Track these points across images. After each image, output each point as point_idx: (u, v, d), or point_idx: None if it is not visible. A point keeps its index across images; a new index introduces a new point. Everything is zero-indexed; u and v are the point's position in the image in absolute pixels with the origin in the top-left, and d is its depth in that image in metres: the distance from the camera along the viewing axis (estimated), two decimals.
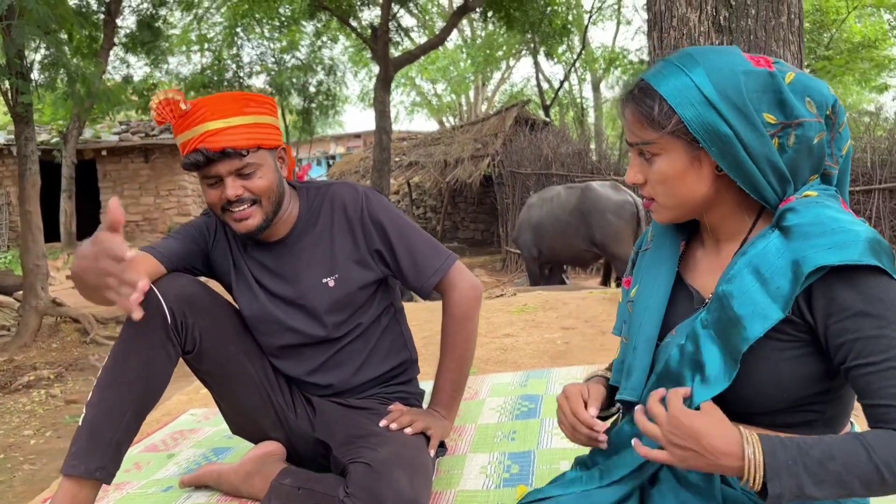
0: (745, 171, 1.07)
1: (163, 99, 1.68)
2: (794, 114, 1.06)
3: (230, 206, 1.69)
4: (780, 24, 3.15)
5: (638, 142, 1.14)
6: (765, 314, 1.03)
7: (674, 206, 1.15)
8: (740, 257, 1.10)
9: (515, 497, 1.69)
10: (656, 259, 1.26)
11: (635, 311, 1.24)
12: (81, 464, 1.57)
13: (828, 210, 1.05)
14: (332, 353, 1.84)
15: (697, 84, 1.07)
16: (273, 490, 1.70)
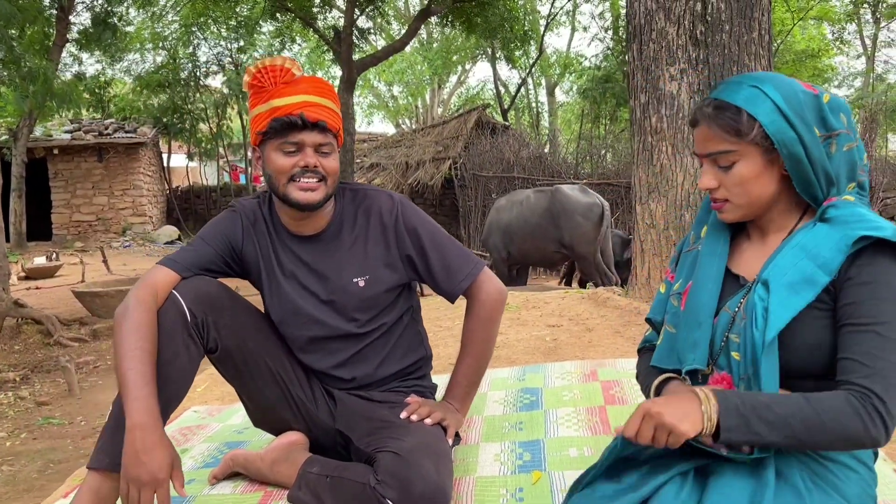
0: (804, 173, 1.28)
1: (278, 63, 1.76)
2: (833, 126, 1.28)
3: (304, 173, 1.77)
4: (752, 39, 3.35)
5: (716, 152, 1.31)
6: (813, 280, 1.22)
7: (746, 204, 1.33)
8: (787, 243, 1.30)
9: (532, 481, 1.81)
10: (710, 253, 1.42)
11: (694, 295, 1.39)
12: (107, 457, 1.61)
13: (862, 209, 1.27)
14: (357, 348, 1.93)
15: (772, 97, 1.27)
16: (301, 478, 1.79)
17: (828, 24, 19.86)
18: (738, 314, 1.30)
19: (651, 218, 3.73)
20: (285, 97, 1.75)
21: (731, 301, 1.33)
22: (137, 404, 1.54)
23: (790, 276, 1.24)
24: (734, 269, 1.39)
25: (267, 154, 1.80)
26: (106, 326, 7.18)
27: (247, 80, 1.80)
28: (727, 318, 1.32)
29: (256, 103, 1.79)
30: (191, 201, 22.00)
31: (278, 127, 1.74)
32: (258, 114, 1.78)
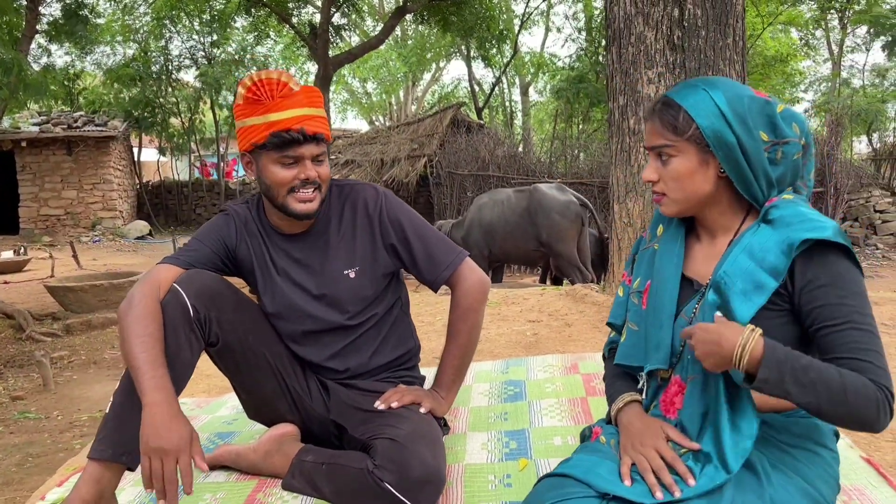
0: (743, 175, 1.34)
1: (274, 77, 1.80)
2: (783, 134, 1.35)
3: (303, 185, 1.84)
4: (727, 44, 3.47)
5: (659, 145, 1.40)
6: (762, 285, 1.28)
7: (682, 200, 1.40)
8: (734, 246, 1.35)
9: (519, 468, 1.89)
10: (667, 253, 1.49)
11: (654, 296, 1.47)
12: (108, 448, 1.65)
13: (802, 207, 1.33)
14: (350, 339, 1.99)
15: (716, 100, 1.34)
16: (295, 466, 1.85)
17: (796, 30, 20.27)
18: (693, 320, 1.37)
19: (628, 217, 3.84)
20: (283, 111, 1.80)
21: (687, 306, 1.41)
22: (152, 383, 1.58)
23: (741, 284, 1.30)
24: (687, 272, 1.46)
25: (263, 165, 1.86)
26: (79, 321, 7.11)
27: (241, 92, 1.83)
28: (683, 324, 1.40)
29: (251, 114, 1.82)
30: (162, 196, 21.79)
31: (278, 142, 1.80)
32: (254, 125, 1.82)
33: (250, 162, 1.91)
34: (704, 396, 1.34)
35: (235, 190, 21.61)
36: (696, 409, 1.36)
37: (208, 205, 21.86)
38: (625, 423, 1.46)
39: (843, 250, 1.26)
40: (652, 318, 1.46)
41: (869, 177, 13.44)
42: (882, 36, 16.04)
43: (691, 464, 1.31)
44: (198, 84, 21.27)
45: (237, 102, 1.87)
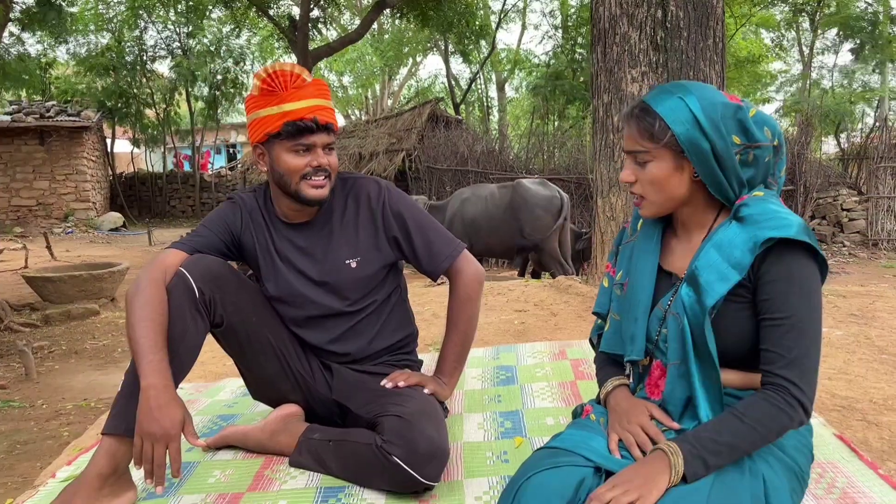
0: (715, 178, 1.43)
1: (287, 69, 1.89)
2: (755, 138, 1.43)
3: (315, 173, 1.93)
4: (707, 45, 3.60)
5: (635, 150, 1.47)
6: (726, 277, 1.39)
7: (659, 202, 1.49)
8: (707, 242, 1.45)
9: (515, 445, 1.99)
10: (643, 249, 1.59)
11: (631, 290, 1.57)
12: (123, 423, 1.71)
13: (771, 205, 1.42)
14: (350, 324, 2.07)
15: (691, 108, 1.41)
16: (302, 444, 1.93)
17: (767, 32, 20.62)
18: (668, 311, 1.47)
19: (612, 211, 3.96)
20: (297, 101, 1.89)
21: (664, 298, 1.51)
22: (151, 367, 1.66)
23: (707, 275, 1.40)
24: (666, 265, 1.55)
25: (277, 154, 1.93)
26: (58, 312, 7.08)
27: (256, 84, 1.91)
28: (660, 315, 1.50)
29: (264, 105, 1.91)
30: (136, 188, 21.57)
31: (292, 130, 1.88)
32: (268, 115, 1.90)
33: (263, 153, 1.98)
34: (684, 380, 1.45)
35: (211, 182, 21.45)
36: (678, 390, 1.46)
37: (183, 197, 21.69)
38: (612, 403, 1.57)
39: (806, 248, 1.36)
40: (627, 312, 1.57)
41: (837, 176, 13.78)
42: (851, 39, 16.42)
43: (672, 436, 1.41)
44: (173, 75, 21.07)
45: (251, 94, 1.95)
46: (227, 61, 21.69)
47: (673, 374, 1.47)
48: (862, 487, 1.66)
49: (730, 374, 1.46)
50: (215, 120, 23.12)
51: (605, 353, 1.67)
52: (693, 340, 1.43)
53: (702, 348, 1.42)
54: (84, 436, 2.50)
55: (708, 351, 1.40)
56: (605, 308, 1.71)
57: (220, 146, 30.58)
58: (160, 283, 1.84)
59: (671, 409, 1.48)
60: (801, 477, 1.43)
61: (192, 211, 21.52)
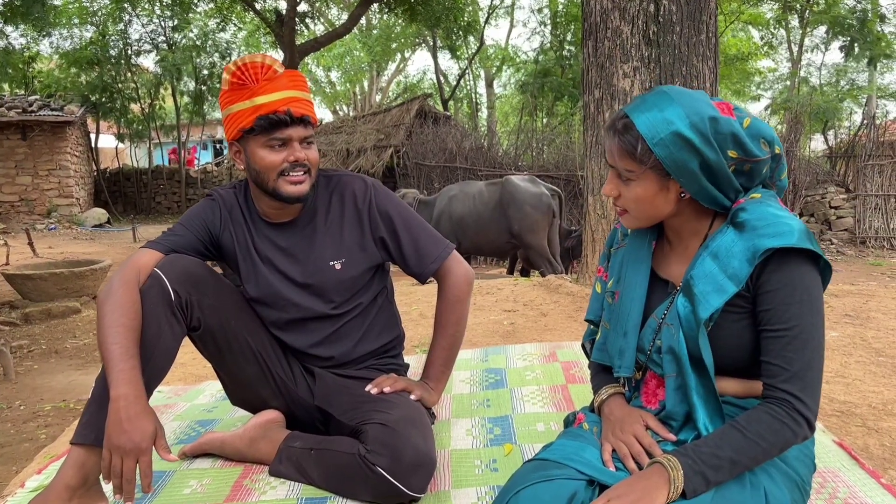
0: (708, 193, 1.34)
1: (258, 61, 1.81)
2: (752, 153, 1.34)
3: (293, 168, 1.84)
4: (700, 41, 3.53)
5: (617, 167, 1.38)
6: (722, 289, 1.31)
7: (643, 219, 1.42)
8: (703, 249, 1.37)
9: (504, 453, 1.92)
10: (634, 257, 1.51)
11: (621, 302, 1.49)
12: (92, 432, 1.63)
13: (770, 208, 1.33)
14: (334, 328, 1.99)
15: (675, 125, 1.30)
16: (282, 452, 1.85)
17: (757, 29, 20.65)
18: (664, 321, 1.40)
19: (603, 209, 3.89)
20: (269, 94, 1.80)
21: (659, 308, 1.43)
22: (121, 376, 1.57)
23: (702, 286, 1.33)
24: (661, 272, 1.48)
25: (252, 150, 1.85)
26: (38, 310, 6.95)
27: (227, 78, 1.83)
28: (654, 325, 1.43)
29: (236, 100, 1.83)
30: (120, 184, 21.32)
31: (266, 124, 1.80)
32: (240, 110, 1.82)
33: (239, 151, 1.90)
34: (682, 392, 1.38)
35: (197, 178, 21.27)
36: (678, 403, 1.40)
37: (168, 193, 21.48)
38: (606, 412, 1.50)
39: (807, 254, 1.29)
40: (616, 326, 1.49)
41: (825, 174, 13.79)
42: (840, 36, 16.44)
43: (670, 448, 1.35)
44: (158, 70, 20.86)
45: (223, 89, 1.87)
46: (212, 56, 21.49)
47: (671, 386, 1.40)
48: (864, 498, 1.60)
49: (729, 382, 1.40)
50: (201, 115, 22.93)
51: (596, 362, 1.60)
52: (689, 353, 1.36)
53: (698, 361, 1.35)
54: (56, 442, 2.41)
55: (702, 362, 1.34)
56: (597, 315, 1.63)
57: (207, 142, 30.37)
58: (133, 285, 1.76)
59: (673, 423, 1.42)
60: (803, 488, 1.37)
61: (178, 207, 21.32)
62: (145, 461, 1.51)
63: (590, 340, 1.72)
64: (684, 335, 1.36)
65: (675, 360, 1.38)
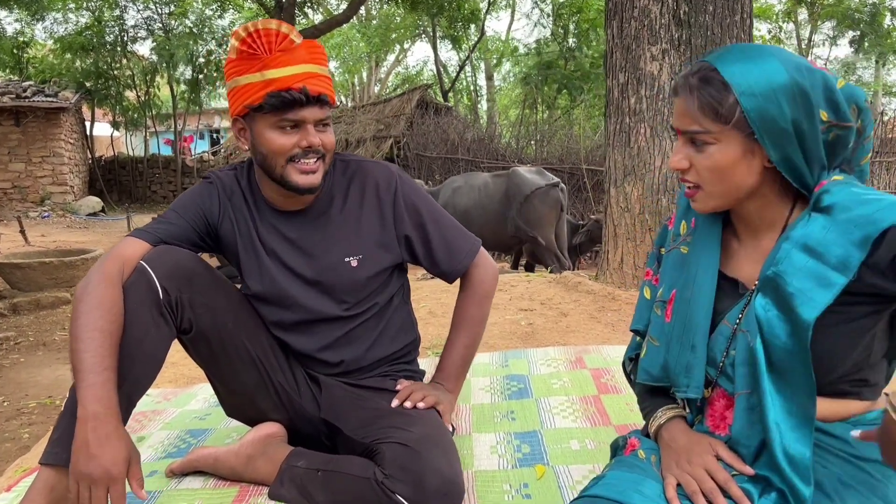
0: (794, 164, 1.12)
1: (273, 28, 1.55)
2: (845, 117, 1.12)
3: (305, 155, 1.60)
4: (734, 21, 3.30)
5: (693, 129, 1.15)
6: (827, 282, 1.07)
7: (721, 194, 1.18)
8: (783, 241, 1.14)
9: (536, 476, 1.69)
10: (701, 257, 1.27)
11: (686, 309, 1.26)
12: (64, 452, 1.40)
13: (856, 188, 1.12)
14: (346, 330, 1.76)
15: (771, 73, 1.09)
16: (284, 473, 1.62)
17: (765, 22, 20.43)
18: (738, 327, 1.18)
19: (626, 202, 3.65)
20: (283, 67, 1.54)
21: (731, 313, 1.21)
22: (91, 392, 1.35)
23: (798, 283, 1.10)
24: (730, 272, 1.25)
25: (259, 130, 1.60)
26: (27, 300, 6.73)
27: (235, 45, 1.57)
28: (727, 332, 1.20)
29: (244, 71, 1.57)
30: (115, 172, 21.07)
31: (277, 103, 1.54)
32: (248, 84, 1.57)
33: (243, 128, 1.65)
34: (756, 414, 1.15)
35: (193, 167, 21.02)
36: (750, 427, 1.16)
37: (164, 182, 21.24)
38: (667, 439, 1.27)
39: None
40: (680, 337, 1.25)
41: None
42: (850, 30, 16.21)
43: (748, 486, 1.13)
44: (154, 57, 20.57)
45: (229, 57, 1.61)
46: (209, 43, 21.19)
47: (742, 406, 1.17)
48: None
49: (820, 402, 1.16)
50: (198, 104, 22.66)
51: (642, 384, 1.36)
52: (769, 364, 1.12)
53: (787, 374, 1.11)
54: (31, 452, 2.17)
55: (798, 377, 1.10)
56: (646, 324, 1.39)
57: (204, 131, 30.07)
58: (115, 280, 1.52)
59: (742, 451, 1.18)
60: None
61: (174, 196, 21.04)
62: (117, 491, 1.30)
63: (633, 355, 1.49)
64: (764, 343, 1.12)
65: (752, 373, 1.14)
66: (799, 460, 1.10)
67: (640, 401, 1.42)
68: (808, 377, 1.10)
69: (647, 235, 3.58)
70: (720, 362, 1.22)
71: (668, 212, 3.53)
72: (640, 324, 1.42)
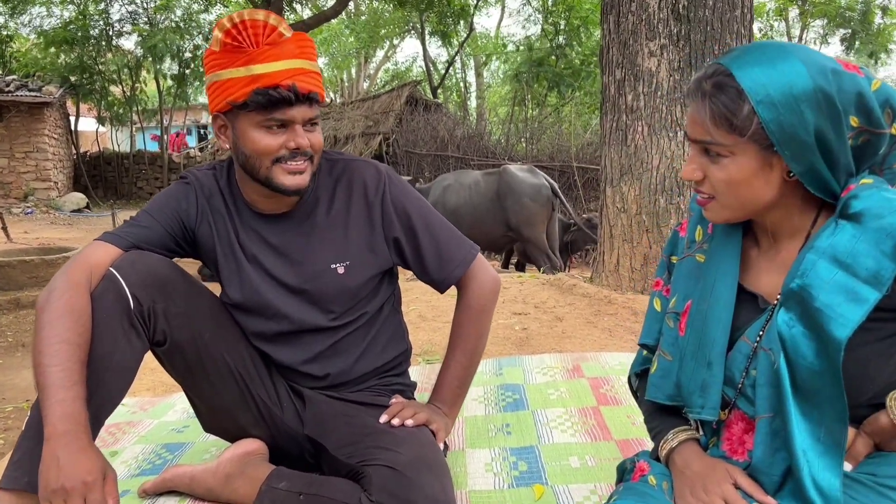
0: (819, 175, 1.03)
1: (260, 19, 1.43)
2: (878, 122, 1.03)
3: (293, 156, 1.49)
4: (735, 17, 3.21)
5: (705, 140, 1.06)
6: (858, 297, 0.99)
7: (736, 206, 1.10)
8: (808, 252, 1.05)
9: (534, 497, 1.59)
10: (718, 267, 1.18)
11: (701, 324, 1.16)
12: (24, 475, 1.31)
13: (888, 192, 1.03)
14: (332, 341, 1.65)
15: (791, 79, 1.00)
16: (265, 494, 1.52)
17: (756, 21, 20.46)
18: (758, 345, 1.09)
19: (623, 202, 3.55)
20: (271, 63, 1.43)
21: (751, 329, 1.12)
22: (60, 408, 1.24)
23: (825, 297, 1.01)
24: (748, 285, 1.16)
25: (243, 129, 1.49)
26: (6, 300, 6.59)
27: (218, 37, 1.45)
28: (747, 350, 1.11)
29: (228, 64, 1.45)
30: (100, 168, 20.85)
31: (264, 101, 1.43)
32: (232, 79, 1.45)
33: (224, 125, 1.54)
34: (780, 440, 1.06)
35: (180, 164, 20.84)
36: (774, 452, 1.07)
37: (150, 178, 21.05)
38: (680, 464, 1.17)
39: None
40: (695, 353, 1.16)
41: None
42: (841, 28, 16.22)
43: None
44: (139, 51, 20.35)
45: (211, 49, 1.49)
46: (196, 38, 21.00)
47: (764, 430, 1.07)
48: None
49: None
50: (184, 99, 22.46)
51: (651, 401, 1.26)
52: (794, 386, 1.02)
53: (815, 397, 1.01)
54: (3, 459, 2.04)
55: (827, 399, 1.00)
56: (655, 338, 1.29)
57: (191, 127, 29.84)
58: (82, 289, 1.41)
59: (763, 480, 1.08)
60: None
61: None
62: (95, 500, 1.19)
63: (639, 370, 1.39)
64: (788, 362, 1.03)
65: (775, 395, 1.05)
66: (829, 491, 1.01)
67: (649, 420, 1.33)
68: (839, 400, 1.01)
69: (644, 237, 3.49)
70: (739, 382, 1.12)
71: (667, 213, 3.44)
72: (649, 338, 1.32)
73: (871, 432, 1.08)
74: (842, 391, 1.00)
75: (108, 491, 1.23)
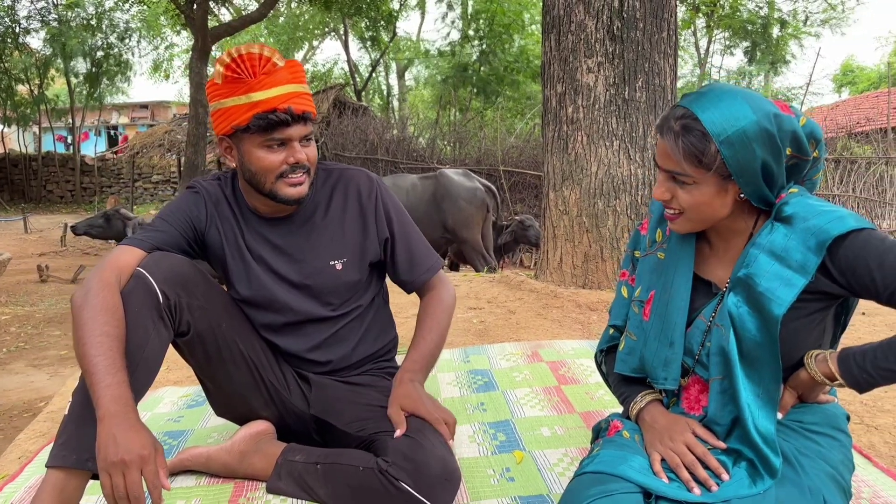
0: (761, 193, 1.31)
1: (256, 52, 1.63)
2: (805, 151, 1.32)
3: (293, 170, 1.68)
4: (662, 38, 3.54)
5: (675, 171, 1.31)
6: (790, 283, 1.27)
7: (698, 221, 1.36)
8: (751, 247, 1.33)
9: (516, 461, 1.83)
10: (676, 262, 1.45)
11: (662, 311, 1.43)
12: (73, 453, 1.45)
13: (810, 199, 1.32)
14: (333, 330, 1.85)
15: (744, 123, 1.25)
16: (281, 467, 1.70)
17: None
18: (713, 322, 1.35)
19: (564, 205, 3.85)
20: (268, 90, 1.63)
21: (706, 309, 1.38)
22: (110, 393, 1.39)
23: (766, 283, 1.28)
24: (703, 275, 1.43)
25: (247, 149, 1.69)
26: None
27: (220, 71, 1.65)
28: (703, 327, 1.38)
29: (230, 94, 1.65)
30: (7, 170, 19.92)
31: (264, 124, 1.63)
32: (235, 106, 1.65)
33: (230, 147, 1.73)
34: (728, 396, 1.34)
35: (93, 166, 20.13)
36: (723, 408, 1.35)
37: (61, 181, 20.24)
38: (648, 420, 1.43)
39: None
40: (658, 335, 1.43)
41: None
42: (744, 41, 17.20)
43: (723, 458, 1.30)
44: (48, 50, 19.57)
45: (213, 81, 1.68)
46: (109, 37, 20.35)
47: (716, 390, 1.35)
48: (888, 497, 1.61)
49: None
50: (96, 99, 21.70)
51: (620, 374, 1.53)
52: (741, 354, 1.31)
53: (756, 362, 1.31)
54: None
55: (766, 364, 1.30)
56: (623, 320, 1.56)
57: (101, 128, 28.78)
58: (114, 287, 1.56)
59: (716, 429, 1.37)
60: (848, 491, 1.35)
61: (72, 196, 20.07)
62: (150, 471, 1.34)
63: (603, 349, 1.65)
64: (736, 335, 1.31)
65: (725, 361, 1.32)
66: (767, 435, 1.30)
67: (617, 388, 1.59)
68: (775, 364, 1.30)
69: (585, 236, 3.80)
70: (697, 353, 1.39)
71: (605, 214, 3.75)
72: (618, 319, 1.58)
73: (795, 385, 1.36)
74: (778, 357, 1.29)
75: (159, 462, 1.39)
